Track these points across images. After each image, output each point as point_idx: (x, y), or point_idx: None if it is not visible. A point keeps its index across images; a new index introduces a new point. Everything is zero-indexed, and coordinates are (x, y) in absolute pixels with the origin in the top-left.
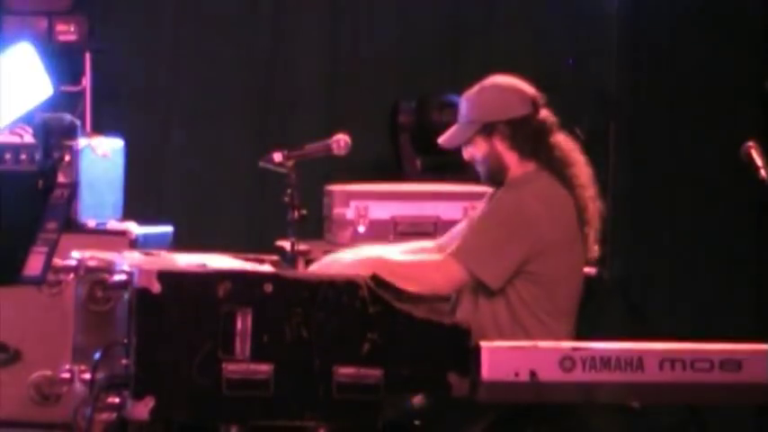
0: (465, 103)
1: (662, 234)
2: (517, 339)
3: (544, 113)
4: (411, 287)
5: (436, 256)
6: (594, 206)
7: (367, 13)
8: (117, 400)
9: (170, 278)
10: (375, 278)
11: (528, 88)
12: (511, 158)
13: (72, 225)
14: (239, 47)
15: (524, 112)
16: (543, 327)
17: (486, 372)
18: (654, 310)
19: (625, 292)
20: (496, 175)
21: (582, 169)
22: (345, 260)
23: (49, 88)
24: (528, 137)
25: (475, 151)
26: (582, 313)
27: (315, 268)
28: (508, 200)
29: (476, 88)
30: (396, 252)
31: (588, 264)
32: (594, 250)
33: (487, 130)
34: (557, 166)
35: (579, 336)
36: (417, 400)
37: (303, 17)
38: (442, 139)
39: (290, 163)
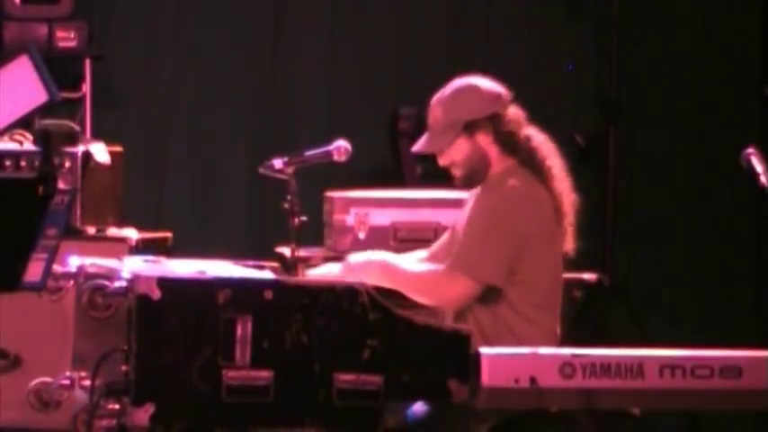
0: (440, 107)
1: (662, 240)
2: (503, 340)
3: (514, 109)
4: (419, 299)
5: (440, 267)
6: (569, 199)
7: (367, 19)
8: (117, 406)
9: (170, 285)
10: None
11: (498, 86)
12: (494, 154)
13: (72, 231)
14: (239, 54)
15: (501, 109)
16: (529, 324)
17: (487, 378)
18: (654, 317)
19: (625, 298)
20: (478, 175)
21: (556, 161)
22: (352, 261)
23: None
24: (507, 132)
25: (455, 154)
26: (582, 319)
27: (319, 271)
28: (493, 200)
29: (448, 92)
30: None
31: (566, 258)
32: (569, 243)
33: (470, 128)
34: (533, 161)
35: (579, 342)
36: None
37: (304, 24)
38: (418, 147)
39: (291, 169)
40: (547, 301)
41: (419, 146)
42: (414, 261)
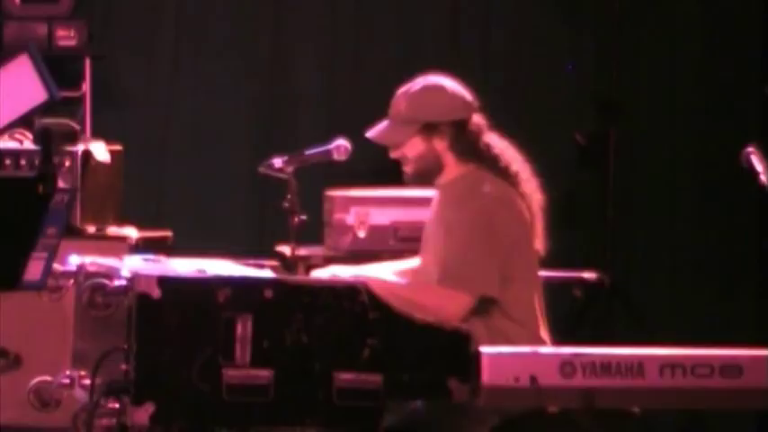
0: (404, 101)
1: (662, 240)
2: (488, 340)
3: (477, 117)
4: (416, 314)
5: (432, 284)
6: (537, 200)
7: (367, 17)
8: (117, 405)
9: (170, 284)
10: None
11: (465, 91)
12: (449, 159)
13: (72, 230)
14: (239, 52)
15: (466, 115)
16: (517, 324)
17: (487, 377)
18: (654, 316)
19: (625, 297)
20: (429, 175)
21: (521, 164)
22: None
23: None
24: (468, 139)
25: (408, 150)
26: (582, 318)
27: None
28: (474, 210)
29: (417, 86)
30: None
31: (540, 257)
32: (542, 242)
33: (429, 129)
34: (495, 165)
35: (579, 341)
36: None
37: (303, 22)
38: (372, 134)
39: (291, 168)
40: (532, 305)
41: (374, 133)
42: (401, 274)
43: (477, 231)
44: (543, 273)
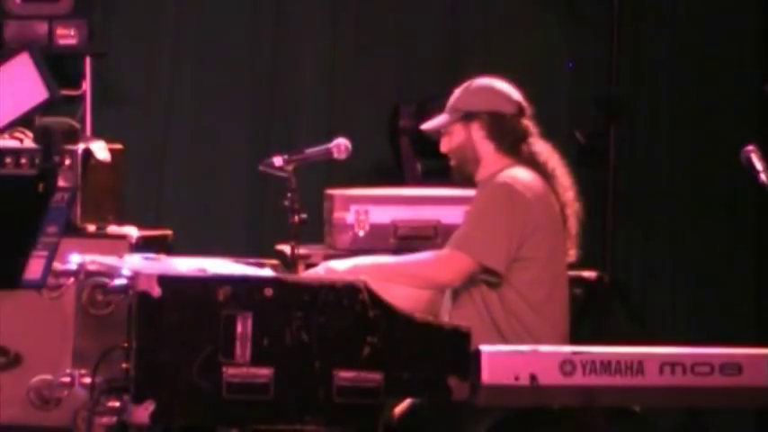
0: (454, 95)
1: (662, 238)
2: (509, 327)
3: (527, 122)
4: (415, 284)
5: (432, 253)
6: (572, 207)
7: (367, 16)
8: (117, 403)
9: (170, 282)
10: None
11: (518, 94)
12: (486, 150)
13: (72, 229)
14: (239, 51)
15: (508, 110)
16: (536, 314)
17: (487, 375)
18: (654, 314)
19: (625, 295)
20: (468, 167)
21: (562, 171)
22: (339, 268)
23: (48, 93)
24: (507, 133)
25: (452, 141)
26: (582, 317)
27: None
28: (495, 187)
29: (467, 84)
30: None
31: (569, 265)
32: (572, 255)
33: (467, 118)
34: (535, 162)
35: (579, 339)
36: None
37: (303, 21)
38: (425, 125)
39: (290, 167)
40: (553, 296)
41: (425, 124)
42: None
43: (495, 207)
44: None
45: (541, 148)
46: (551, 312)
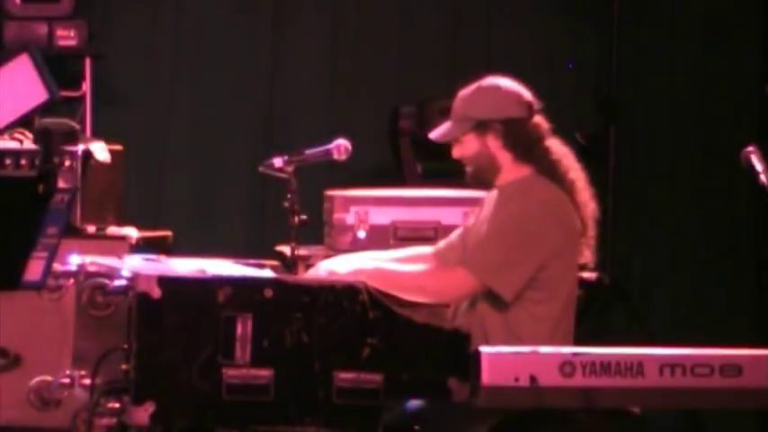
0: (460, 100)
1: (662, 239)
2: (514, 341)
3: (539, 119)
4: (417, 297)
5: (434, 265)
6: (590, 210)
7: (367, 17)
8: (117, 405)
9: (170, 283)
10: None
11: (525, 92)
12: (504, 159)
13: (72, 230)
14: (239, 52)
15: (520, 114)
16: (542, 331)
17: (487, 377)
18: (654, 315)
19: (625, 296)
20: (485, 175)
21: (578, 173)
22: (341, 272)
23: (48, 94)
24: (522, 139)
25: (465, 149)
26: (582, 318)
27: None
28: (517, 209)
29: (473, 86)
30: (389, 259)
31: (581, 268)
32: (587, 256)
33: (481, 127)
34: (553, 171)
35: (579, 341)
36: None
37: (303, 22)
38: (433, 134)
39: (291, 168)
40: (565, 309)
41: (434, 133)
42: (406, 262)
43: (513, 230)
44: None
45: (555, 146)
46: (557, 329)
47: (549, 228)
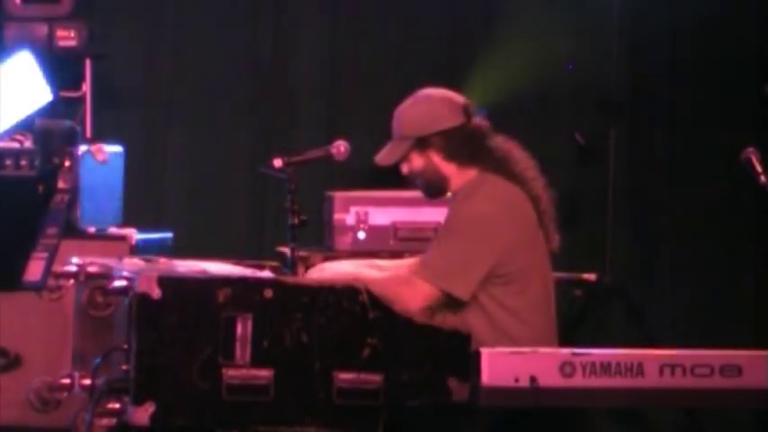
0: (396, 120)
1: (662, 239)
2: (496, 342)
3: (477, 120)
4: (394, 307)
5: (398, 274)
6: (547, 196)
7: (367, 17)
8: (117, 405)
9: (170, 284)
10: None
11: (458, 97)
12: (449, 169)
13: (72, 231)
14: (239, 53)
15: (456, 122)
16: (523, 324)
17: (486, 377)
18: (654, 316)
19: (625, 297)
20: (436, 187)
21: (527, 163)
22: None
23: (47, 94)
24: (463, 146)
25: (412, 166)
26: (582, 318)
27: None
28: (464, 209)
29: (407, 102)
30: (373, 265)
31: (553, 255)
32: (555, 240)
33: (421, 144)
34: (501, 167)
35: (579, 341)
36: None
37: (303, 22)
38: (378, 158)
39: (291, 169)
40: (538, 300)
41: (378, 156)
42: (390, 269)
43: (461, 231)
44: None
45: (499, 143)
46: (538, 320)
47: (499, 223)
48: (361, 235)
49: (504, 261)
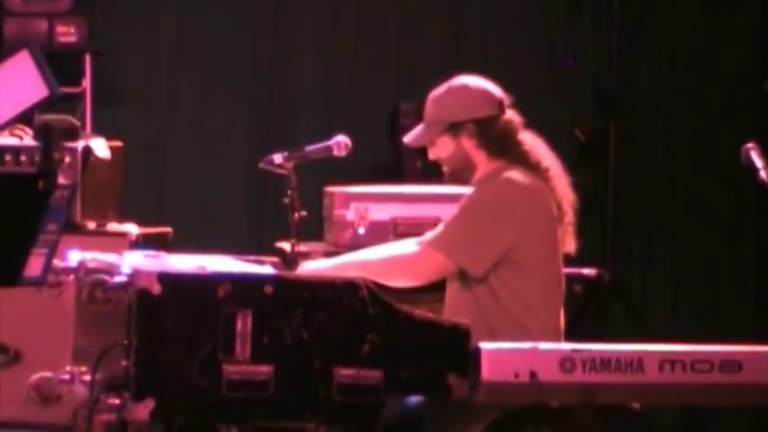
0: (431, 103)
1: (662, 235)
2: (504, 327)
3: (510, 114)
4: (393, 281)
5: (412, 248)
6: (569, 198)
7: (367, 14)
8: (117, 401)
9: (170, 279)
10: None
11: (495, 89)
12: (479, 157)
13: (72, 226)
14: (239, 49)
15: (491, 113)
16: (529, 312)
17: (486, 373)
18: (654, 311)
19: (625, 293)
20: (462, 174)
21: (553, 162)
22: (322, 269)
23: (48, 90)
24: (495, 136)
25: (440, 151)
26: (582, 314)
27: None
28: (486, 190)
29: (443, 88)
30: (370, 253)
31: (567, 258)
32: (571, 244)
33: (454, 129)
34: (527, 162)
35: (580, 337)
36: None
37: (303, 19)
38: (407, 138)
39: (291, 164)
40: (548, 294)
41: (408, 137)
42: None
43: (482, 208)
44: None
45: (528, 139)
46: (547, 312)
47: (520, 209)
48: (361, 230)
49: (520, 247)
